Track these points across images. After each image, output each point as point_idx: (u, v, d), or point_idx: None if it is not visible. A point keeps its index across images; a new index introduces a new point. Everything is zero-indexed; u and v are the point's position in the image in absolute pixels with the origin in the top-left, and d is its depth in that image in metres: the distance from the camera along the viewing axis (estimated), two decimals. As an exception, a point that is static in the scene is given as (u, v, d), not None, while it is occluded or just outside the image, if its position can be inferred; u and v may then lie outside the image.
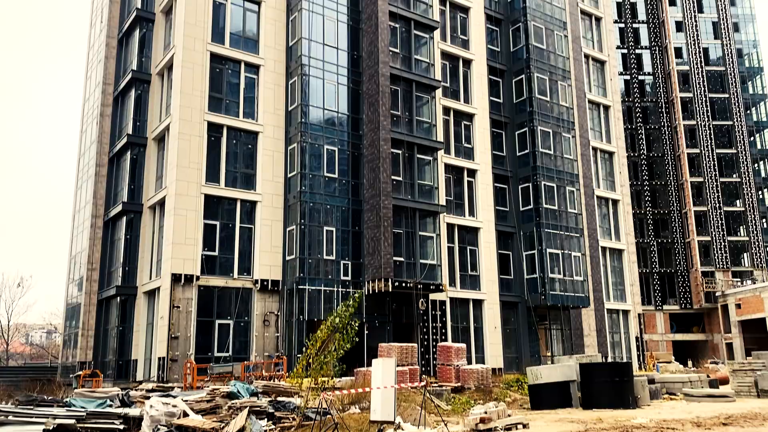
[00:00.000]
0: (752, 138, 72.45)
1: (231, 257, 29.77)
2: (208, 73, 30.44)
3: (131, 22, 35.51)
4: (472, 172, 37.82)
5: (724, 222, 66.95)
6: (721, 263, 65.91)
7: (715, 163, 68.57)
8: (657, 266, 67.56)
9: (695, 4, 73.06)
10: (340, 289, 30.80)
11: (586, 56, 46.16)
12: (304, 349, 28.97)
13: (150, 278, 30.93)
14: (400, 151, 32.87)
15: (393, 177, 32.01)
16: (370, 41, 33.45)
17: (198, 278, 28.31)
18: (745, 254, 68.30)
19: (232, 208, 30.28)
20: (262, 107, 31.81)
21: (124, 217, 32.81)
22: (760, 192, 71.02)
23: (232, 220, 30.19)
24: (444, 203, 34.60)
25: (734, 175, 69.29)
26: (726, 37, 72.29)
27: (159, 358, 27.64)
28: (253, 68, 32.12)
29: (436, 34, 36.66)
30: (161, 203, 30.78)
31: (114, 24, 37.83)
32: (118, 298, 32.20)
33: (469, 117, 38.48)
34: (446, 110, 37.46)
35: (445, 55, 38.16)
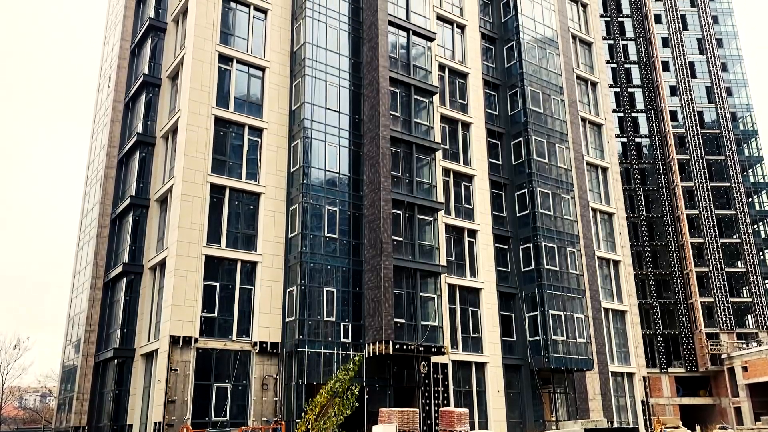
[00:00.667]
0: (750, 199, 72.95)
1: (230, 319, 29.51)
2: (212, 136, 30.97)
3: (138, 86, 36.39)
4: (472, 233, 37.93)
5: (726, 283, 66.63)
6: (725, 325, 65.19)
7: (715, 224, 68.81)
8: (660, 328, 66.81)
9: (688, 70, 74.93)
10: (340, 352, 30.40)
11: (583, 119, 47.03)
12: (303, 414, 28.41)
13: (148, 340, 30.58)
14: (400, 212, 33.08)
15: (394, 237, 32.10)
16: (371, 105, 34.17)
17: (197, 340, 27.98)
18: (749, 315, 67.62)
19: (232, 268, 30.23)
20: (265, 169, 32.21)
21: (125, 279, 32.72)
22: (761, 253, 70.93)
23: (232, 281, 30.08)
24: (445, 264, 34.55)
25: (734, 236, 69.38)
26: (720, 101, 73.82)
27: (155, 423, 27.01)
28: (257, 131, 32.70)
29: (436, 98, 37.49)
30: (162, 264, 30.76)
31: (121, 89, 38.77)
32: (116, 360, 31.74)
33: (469, 178, 38.90)
34: (446, 171, 37.90)
35: (444, 118, 38.92)
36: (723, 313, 65.56)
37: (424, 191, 34.72)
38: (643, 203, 71.25)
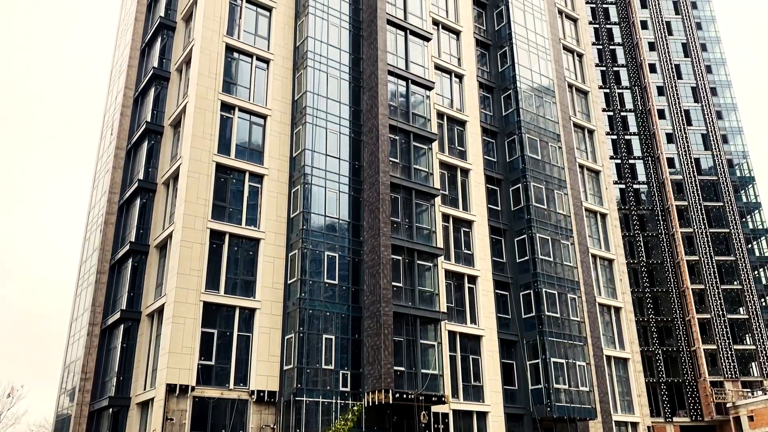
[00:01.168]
0: (750, 245, 72.97)
1: (227, 367, 29.12)
2: (213, 183, 31.18)
3: (140, 134, 36.82)
4: (472, 279, 37.80)
5: (728, 330, 66.07)
6: (729, 373, 64.32)
7: (715, 270, 68.66)
8: (664, 375, 65.88)
9: (684, 118, 76.00)
10: (338, 401, 29.90)
11: (581, 166, 47.44)
12: (300, 464, 27.79)
13: (144, 389, 30.11)
14: (400, 258, 33.04)
15: (393, 283, 31.96)
16: (371, 151, 34.53)
17: (193, 389, 27.55)
18: (753, 363, 66.79)
19: (230, 315, 29.98)
20: (265, 215, 32.31)
21: (122, 325, 32.43)
22: (762, 299, 70.54)
23: (230, 328, 29.80)
24: (445, 310, 34.31)
25: (735, 282, 69.13)
26: (716, 149, 74.66)
27: (148, 475, 26.36)
28: (257, 177, 32.94)
29: (435, 145, 37.91)
30: (160, 311, 30.54)
31: (123, 136, 39.22)
32: (111, 409, 31.19)
33: (468, 224, 38.99)
34: (446, 217, 38.02)
35: (443, 164, 39.26)
36: (726, 361, 64.77)
37: (424, 237, 34.76)
38: (642, 249, 71.23)
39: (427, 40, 39.85)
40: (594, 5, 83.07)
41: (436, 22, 42.79)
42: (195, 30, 34.39)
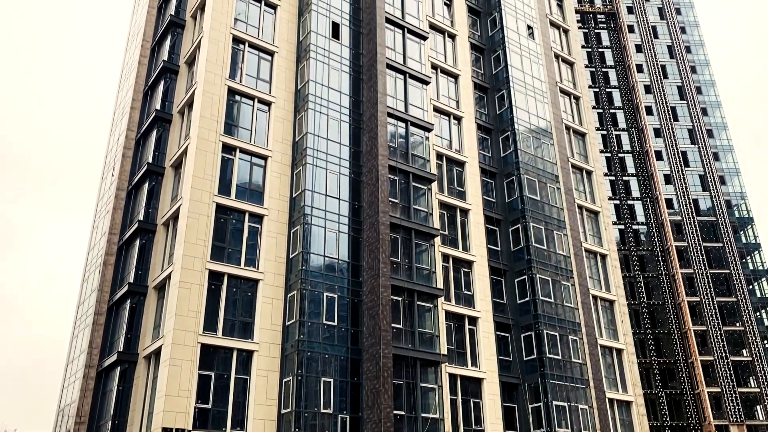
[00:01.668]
0: (751, 286, 72.70)
1: (224, 410, 28.62)
2: (213, 223, 31.21)
3: (142, 174, 37.02)
4: (473, 320, 37.50)
5: (732, 372, 65.27)
6: (734, 416, 63.28)
7: (717, 311, 68.24)
8: (668, 419, 64.80)
9: (681, 159, 76.66)
10: (337, 445, 29.29)
11: (580, 207, 47.57)
12: None
13: (139, 433, 29.54)
14: (400, 298, 32.85)
15: (393, 325, 31.70)
16: (371, 192, 34.68)
17: (189, 433, 27.03)
18: (758, 406, 65.78)
19: (228, 357, 29.63)
20: (264, 255, 32.24)
21: (118, 368, 32.00)
22: (765, 341, 69.91)
23: (227, 370, 29.40)
24: (445, 352, 33.94)
25: (737, 324, 68.62)
26: (714, 190, 75.10)
27: None
28: (257, 218, 32.99)
29: (434, 185, 38.11)
30: (157, 353, 30.19)
31: (124, 177, 39.43)
32: (104, 454, 30.54)
33: (468, 264, 38.89)
34: (445, 257, 37.94)
35: (443, 205, 39.39)
36: (731, 404, 63.80)
37: (424, 277, 34.63)
38: (643, 290, 70.94)
39: (426, 83, 40.49)
40: (590, 50, 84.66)
41: (434, 66, 43.51)
42: (198, 73, 34.94)
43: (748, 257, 74.48)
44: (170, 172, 35.62)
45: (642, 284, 71.30)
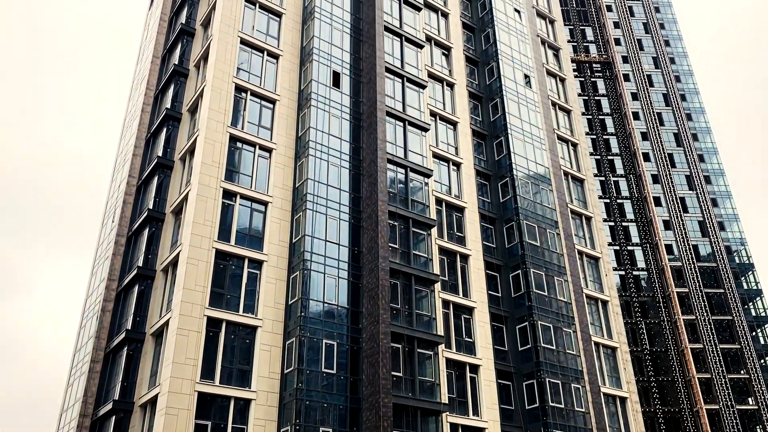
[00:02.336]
0: (754, 333, 72.01)
1: (221, 461, 27.96)
2: (212, 269, 31.08)
3: (142, 221, 37.08)
4: (474, 368, 36.97)
5: (738, 421, 64.04)
6: (743, 467, 61.86)
7: (720, 358, 67.39)
8: (675, 471, 63.31)
9: (679, 205, 76.96)
10: (336, 498, 28.51)
11: (580, 253, 47.49)
12: None
13: (133, 485, 28.80)
14: (400, 346, 32.47)
15: (393, 373, 31.24)
16: (371, 237, 34.68)
17: (184, 485, 26.33)
18: (766, 457, 64.35)
19: (225, 406, 29.10)
20: (263, 301, 32.01)
21: (114, 417, 31.38)
22: (771, 389, 68.84)
23: (224, 420, 28.83)
24: (446, 401, 33.36)
25: (742, 371, 67.70)
26: (713, 235, 75.14)
27: None
28: (257, 263, 32.88)
29: (434, 231, 38.13)
30: (153, 402, 29.66)
31: (125, 223, 39.48)
32: (96, 508, 29.67)
33: (469, 310, 38.59)
34: (446, 304, 37.66)
35: (442, 250, 39.33)
36: (739, 455, 62.40)
37: (424, 324, 34.32)
38: (645, 337, 70.22)
39: (426, 130, 40.98)
40: (587, 98, 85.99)
41: (433, 114, 44.12)
42: (200, 120, 35.38)
43: (750, 303, 74.00)
44: (170, 218, 35.69)
45: (644, 330, 70.63)
